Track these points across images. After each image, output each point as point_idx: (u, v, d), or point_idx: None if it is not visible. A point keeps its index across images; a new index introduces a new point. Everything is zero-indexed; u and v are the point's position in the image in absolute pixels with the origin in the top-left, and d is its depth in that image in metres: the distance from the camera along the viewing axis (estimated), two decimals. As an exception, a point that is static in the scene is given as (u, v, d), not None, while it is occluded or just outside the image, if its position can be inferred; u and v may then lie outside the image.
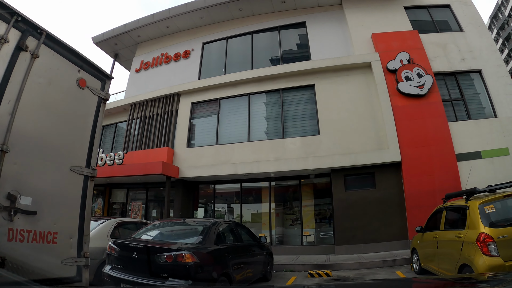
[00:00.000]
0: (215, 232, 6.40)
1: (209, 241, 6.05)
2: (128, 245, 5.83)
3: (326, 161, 10.77)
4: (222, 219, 7.68)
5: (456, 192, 6.88)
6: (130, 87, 15.24)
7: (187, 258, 5.34)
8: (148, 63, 15.21)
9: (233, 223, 7.57)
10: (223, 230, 7.06)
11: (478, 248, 4.80)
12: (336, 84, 11.98)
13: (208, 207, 12.67)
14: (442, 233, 6.31)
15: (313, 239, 11.36)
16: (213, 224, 6.50)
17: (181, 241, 6.18)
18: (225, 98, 12.77)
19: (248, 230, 8.27)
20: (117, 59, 17.01)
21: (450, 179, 10.99)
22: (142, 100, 14.02)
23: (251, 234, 8.20)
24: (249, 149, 11.64)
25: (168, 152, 12.47)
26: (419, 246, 7.67)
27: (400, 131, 11.20)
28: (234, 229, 7.40)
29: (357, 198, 10.80)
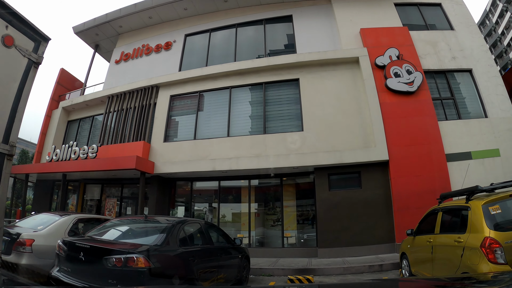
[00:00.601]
0: (178, 232, 5.38)
1: (171, 243, 5.05)
2: (75, 244, 4.83)
3: (309, 159, 9.81)
4: (189, 218, 6.65)
5: (453, 191, 5.97)
6: (109, 79, 14.12)
7: (139, 262, 4.32)
8: (128, 54, 14.13)
9: (203, 223, 6.51)
10: (190, 231, 6.05)
11: (482, 254, 3.95)
12: (322, 79, 11.07)
13: (186, 205, 11.57)
14: (437, 237, 5.42)
15: (294, 241, 10.35)
16: (177, 223, 5.47)
17: (136, 241, 5.13)
18: (206, 91, 11.75)
19: (221, 231, 7.26)
20: (98, 50, 15.89)
21: (440, 180, 10.15)
22: (120, 92, 12.92)
23: (224, 235, 7.19)
24: (228, 145, 10.63)
25: (144, 146, 11.39)
26: (409, 250, 6.76)
27: (388, 129, 10.33)
28: (204, 229, 6.35)
29: (341, 199, 9.85)
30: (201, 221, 6.51)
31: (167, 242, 4.98)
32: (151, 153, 11.52)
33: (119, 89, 12.99)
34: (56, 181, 13.54)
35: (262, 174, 10.55)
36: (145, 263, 4.31)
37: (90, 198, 13.40)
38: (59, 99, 15.09)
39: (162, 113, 11.94)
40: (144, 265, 4.31)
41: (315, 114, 10.50)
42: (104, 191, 13.08)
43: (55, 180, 13.67)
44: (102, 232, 5.54)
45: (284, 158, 9.88)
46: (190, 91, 11.89)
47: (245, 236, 10.47)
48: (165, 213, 11.27)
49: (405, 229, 9.87)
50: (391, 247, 9.57)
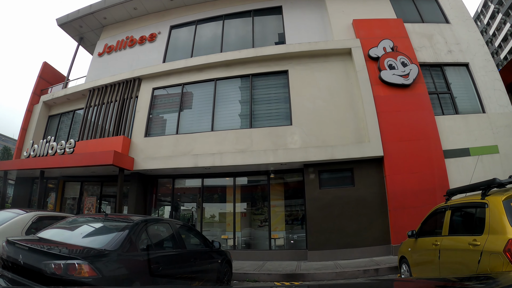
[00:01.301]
0: (139, 234, 4.31)
1: (129, 247, 3.97)
2: (15, 245, 3.76)
3: (298, 154, 8.76)
4: (156, 217, 5.55)
5: (463, 187, 4.94)
6: (91, 72, 12.98)
7: (82, 270, 3.25)
8: (112, 46, 13.01)
9: (173, 223, 5.38)
10: (156, 232, 4.99)
11: (507, 260, 3.05)
12: (312, 70, 10.05)
13: (168, 205, 10.42)
14: (446, 240, 4.43)
15: (283, 242, 9.27)
16: (138, 223, 4.38)
17: (85, 243, 4.01)
18: (190, 84, 10.67)
19: (196, 233, 6.16)
20: (82, 43, 14.75)
21: (438, 178, 9.18)
22: (101, 85, 11.80)
23: (200, 237, 6.11)
24: (212, 140, 9.55)
25: (123, 141, 10.26)
26: (410, 254, 5.75)
27: (383, 123, 9.32)
28: (175, 231, 5.23)
29: (333, 197, 8.80)
30: (172, 221, 5.39)
31: (124, 246, 3.90)
32: (131, 149, 10.39)
33: (100, 82, 11.86)
34: (36, 178, 12.35)
35: (248, 171, 9.48)
36: (90, 272, 3.26)
37: (70, 197, 12.22)
38: (41, 93, 13.91)
39: (144, 107, 10.84)
40: (88, 274, 3.27)
41: (304, 107, 9.46)
42: (84, 189, 11.92)
43: (35, 178, 12.48)
44: (52, 231, 4.46)
45: (271, 153, 8.83)
46: (174, 84, 10.81)
47: (229, 238, 9.37)
48: (145, 213, 10.14)
49: (401, 230, 8.89)
50: (386, 249, 8.56)
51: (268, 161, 8.74)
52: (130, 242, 3.99)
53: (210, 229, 10.07)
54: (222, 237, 9.42)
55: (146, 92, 11.02)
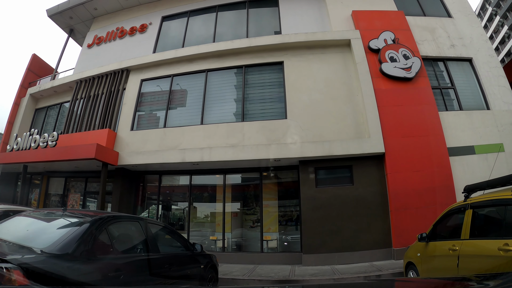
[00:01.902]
0: (97, 233, 3.33)
1: (83, 248, 2.98)
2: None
3: (293, 150, 7.81)
4: (123, 214, 4.51)
5: (485, 182, 4.01)
6: (80, 64, 12.01)
7: (13, 277, 2.28)
8: (101, 38, 12.05)
9: (143, 222, 4.36)
10: (122, 232, 4.01)
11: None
12: (309, 62, 9.11)
13: (155, 203, 9.40)
14: (467, 244, 3.57)
15: (276, 245, 8.28)
16: (97, 221, 3.39)
17: (26, 243, 2.99)
18: (180, 75, 9.71)
19: (174, 234, 5.13)
20: (72, 35, 13.76)
21: (442, 177, 8.29)
22: (89, 77, 10.82)
23: (180, 239, 5.10)
24: (201, 134, 8.58)
25: (108, 134, 9.27)
26: (420, 260, 4.84)
27: (384, 118, 8.39)
28: (146, 231, 4.22)
29: (330, 197, 7.84)
30: (144, 219, 4.37)
31: (74, 247, 2.91)
32: (117, 143, 9.40)
33: (88, 73, 10.88)
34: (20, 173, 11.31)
35: (239, 167, 8.51)
36: (22, 280, 2.27)
37: (54, 193, 11.19)
38: (29, 86, 12.91)
39: (131, 99, 9.86)
40: (21, 282, 2.27)
41: (300, 100, 8.52)
42: (68, 186, 10.89)
43: (19, 173, 11.44)
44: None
45: (264, 148, 7.86)
46: (163, 75, 9.84)
47: (219, 239, 8.37)
48: (129, 212, 9.12)
49: (403, 232, 7.92)
50: (387, 253, 7.61)
51: (261, 156, 7.78)
52: (83, 243, 3.01)
53: (200, 229, 9.09)
54: (210, 238, 8.44)
55: (134, 84, 10.05)
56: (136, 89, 9.88)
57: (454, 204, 4.46)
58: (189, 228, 8.68)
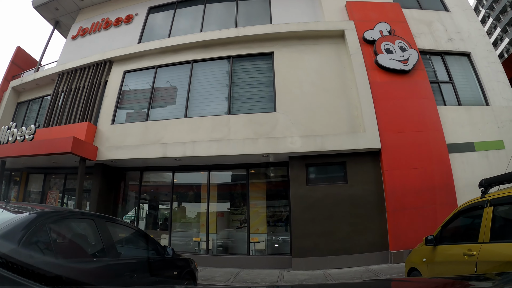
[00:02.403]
0: (34, 234, 2.38)
1: (13, 252, 2.02)
2: None
3: (282, 145, 6.96)
4: (73, 210, 3.61)
5: (503, 175, 3.22)
6: (63, 56, 11.10)
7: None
8: (86, 29, 11.16)
9: (100, 220, 3.41)
10: (70, 232, 3.06)
11: None
12: (300, 53, 8.30)
13: (136, 201, 8.48)
14: (487, 248, 2.82)
15: (264, 247, 7.40)
16: (35, 218, 2.44)
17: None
18: (164, 66, 8.84)
19: (141, 236, 4.18)
20: (58, 27, 12.84)
21: (441, 175, 7.52)
22: (71, 69, 9.92)
23: (148, 242, 4.16)
24: (185, 127, 7.72)
25: (88, 128, 8.38)
26: (426, 266, 4.06)
27: (380, 111, 7.60)
28: (102, 232, 3.28)
29: (322, 196, 7.01)
30: (100, 216, 3.44)
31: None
32: (97, 137, 8.51)
33: (70, 65, 9.99)
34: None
35: (224, 163, 7.66)
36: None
37: (34, 190, 10.24)
38: (13, 79, 11.96)
39: (113, 91, 8.98)
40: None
41: (291, 93, 7.69)
42: (48, 183, 9.95)
43: None
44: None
45: (251, 143, 7.01)
46: (146, 66, 8.97)
47: (202, 240, 7.48)
48: (108, 211, 8.22)
49: (400, 234, 7.08)
50: (383, 256, 6.80)
51: (247, 151, 6.93)
52: (9, 242, 2.11)
53: (184, 230, 8.19)
54: (194, 239, 7.56)
55: (117, 75, 9.18)
56: (119, 81, 9.01)
57: (469, 201, 3.65)
58: (171, 229, 7.79)
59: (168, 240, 7.62)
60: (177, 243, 7.87)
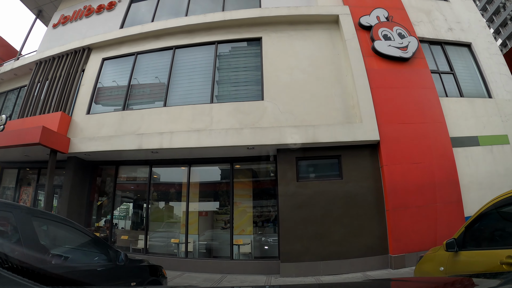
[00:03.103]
0: None
1: None
2: None
3: (270, 135, 5.91)
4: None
5: None
6: (43, 45, 9.98)
7: None
8: (67, 17, 10.07)
9: (22, 213, 2.24)
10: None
11: None
12: (291, 39, 7.27)
13: (112, 198, 7.37)
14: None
15: (250, 250, 6.32)
16: None
17: None
18: (144, 53, 7.78)
19: (85, 236, 2.99)
20: (40, 17, 11.72)
21: (445, 170, 6.53)
22: (48, 57, 8.81)
23: (95, 243, 3.04)
24: (163, 117, 6.66)
25: (61, 118, 7.29)
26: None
27: (378, 101, 6.58)
28: (20, 228, 2.14)
29: (314, 193, 5.96)
30: (21, 207, 2.31)
31: None
32: (71, 128, 7.42)
33: (48, 53, 8.88)
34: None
35: (206, 157, 6.59)
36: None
37: (8, 186, 9.09)
38: (-7, 71, 10.83)
39: (90, 80, 7.90)
40: None
41: (280, 80, 6.66)
42: (21, 178, 8.81)
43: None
44: None
45: (234, 133, 5.95)
46: (126, 53, 7.90)
47: (181, 242, 6.39)
48: (82, 209, 7.11)
49: (402, 236, 6.01)
50: (383, 261, 5.77)
51: (231, 143, 5.87)
52: None
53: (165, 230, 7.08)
54: (172, 240, 6.47)
55: (95, 63, 8.10)
56: (97, 69, 7.93)
57: (502, 195, 2.60)
58: (147, 229, 6.70)
59: (144, 242, 6.53)
60: (156, 244, 6.80)
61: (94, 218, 7.40)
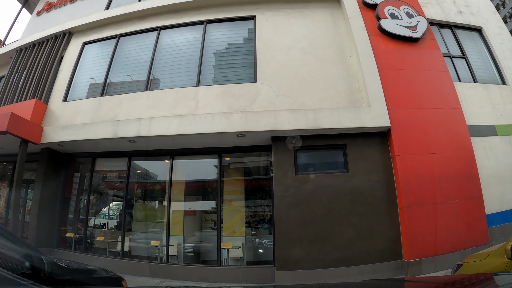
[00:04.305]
0: None
1: None
2: None
3: (263, 120, 4.69)
4: None
5: None
6: (26, 33, 8.80)
7: None
8: (52, 3, 8.86)
9: None
10: None
11: None
12: (288, 17, 6.05)
13: (87, 195, 6.14)
14: None
15: (241, 254, 5.08)
16: None
17: None
18: (127, 35, 6.58)
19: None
20: (27, 7, 10.51)
21: (464, 161, 5.31)
22: (29, 43, 7.61)
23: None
24: (144, 103, 5.45)
25: (36, 106, 6.08)
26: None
27: (387, 83, 5.36)
28: None
29: (315, 188, 4.73)
30: None
31: None
32: (46, 117, 6.21)
33: (29, 39, 7.68)
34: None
35: (191, 148, 5.36)
36: None
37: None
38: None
39: (69, 65, 6.70)
40: None
41: (275, 60, 5.44)
42: (-2, 174, 7.63)
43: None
44: None
45: (222, 118, 4.73)
46: (108, 36, 6.68)
47: (163, 245, 5.15)
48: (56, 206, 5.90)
49: (418, 238, 4.76)
50: (396, 268, 4.55)
51: (218, 129, 4.65)
52: None
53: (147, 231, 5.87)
54: (152, 243, 5.23)
55: (75, 48, 6.90)
56: (76, 54, 6.73)
57: None
58: (125, 229, 5.49)
59: (121, 244, 5.32)
60: (137, 246, 5.59)
61: (71, 218, 6.19)
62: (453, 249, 5.12)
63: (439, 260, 4.88)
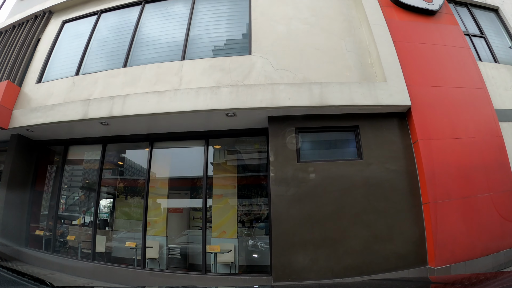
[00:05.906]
0: None
1: None
2: None
3: (258, 95, 3.51)
4: None
5: None
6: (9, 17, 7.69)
7: None
8: (38, -13, 7.77)
9: None
10: None
11: None
12: (289, -14, 4.86)
13: (57, 187, 4.99)
14: None
15: (232, 259, 3.92)
16: None
17: None
18: (109, 11, 5.44)
19: None
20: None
21: (493, 148, 4.07)
22: (8, 26, 6.46)
23: None
24: (120, 80, 4.31)
25: (7, 88, 4.92)
26: None
27: (404, 57, 4.18)
28: None
29: (322, 179, 3.54)
30: None
31: None
32: (19, 100, 5.04)
33: (9, 21, 6.54)
34: None
35: (172, 131, 4.18)
36: None
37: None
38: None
39: (46, 45, 5.55)
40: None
41: (274, 31, 4.27)
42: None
43: None
44: None
45: (209, 93, 3.57)
46: (89, 12, 5.54)
47: (138, 247, 3.99)
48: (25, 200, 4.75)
49: (446, 238, 3.05)
50: (420, 275, 3.31)
51: (203, 106, 3.49)
52: None
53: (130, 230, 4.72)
54: (127, 244, 4.07)
55: (54, 27, 5.75)
56: (54, 33, 5.59)
57: None
58: (96, 227, 4.34)
59: (92, 244, 4.17)
60: (112, 247, 4.45)
61: (45, 214, 5.05)
62: (485, 252, 3.94)
63: (469, 266, 3.70)
